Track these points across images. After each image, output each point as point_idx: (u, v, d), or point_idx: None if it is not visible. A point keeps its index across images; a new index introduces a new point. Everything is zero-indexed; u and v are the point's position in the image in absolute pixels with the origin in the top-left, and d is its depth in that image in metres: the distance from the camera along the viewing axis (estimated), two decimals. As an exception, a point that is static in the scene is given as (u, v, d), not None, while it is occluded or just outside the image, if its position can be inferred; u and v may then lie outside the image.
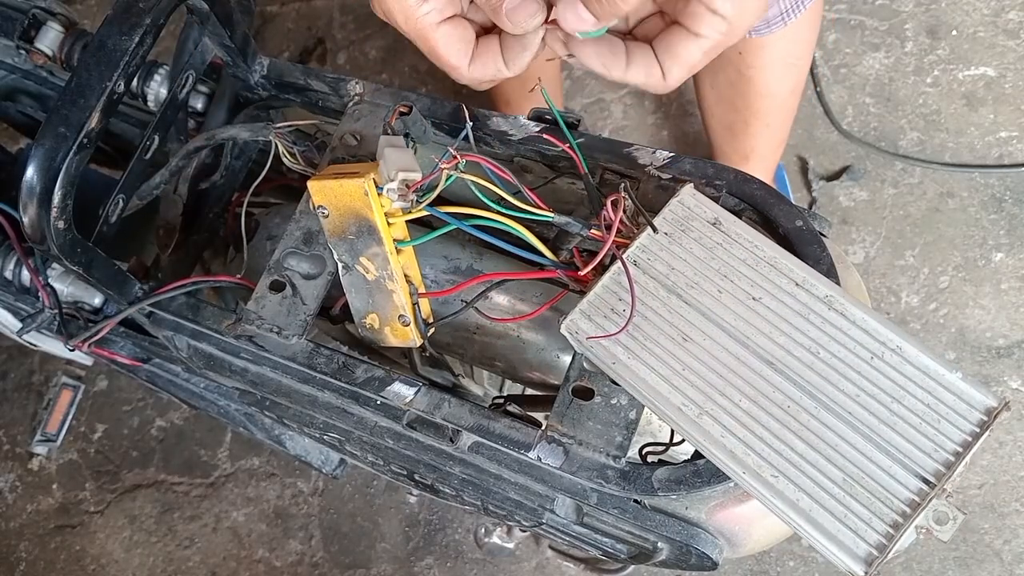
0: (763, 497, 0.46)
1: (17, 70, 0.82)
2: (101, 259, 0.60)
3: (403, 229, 0.57)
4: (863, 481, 0.45)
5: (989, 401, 0.45)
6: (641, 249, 0.53)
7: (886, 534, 0.44)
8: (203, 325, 0.64)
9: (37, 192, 0.52)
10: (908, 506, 0.44)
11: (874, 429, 0.46)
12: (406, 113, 0.62)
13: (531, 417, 0.58)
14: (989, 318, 1.42)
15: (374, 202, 0.53)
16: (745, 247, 0.52)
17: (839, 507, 0.45)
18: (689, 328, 0.51)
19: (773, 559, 1.39)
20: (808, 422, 0.47)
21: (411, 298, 0.58)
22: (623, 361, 0.51)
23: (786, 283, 0.50)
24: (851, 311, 0.49)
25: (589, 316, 0.52)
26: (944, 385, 0.46)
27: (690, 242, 0.53)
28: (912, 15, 1.60)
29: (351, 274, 0.58)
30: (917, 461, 0.45)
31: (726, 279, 0.51)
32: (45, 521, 1.65)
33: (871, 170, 1.53)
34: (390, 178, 0.53)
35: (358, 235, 0.55)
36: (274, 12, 1.91)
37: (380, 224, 0.54)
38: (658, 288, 0.52)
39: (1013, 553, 1.32)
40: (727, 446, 0.47)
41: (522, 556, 1.46)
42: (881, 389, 0.47)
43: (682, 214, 0.54)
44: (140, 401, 1.69)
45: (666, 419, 0.50)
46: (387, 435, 0.62)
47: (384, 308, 0.58)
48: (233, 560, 1.57)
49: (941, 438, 0.45)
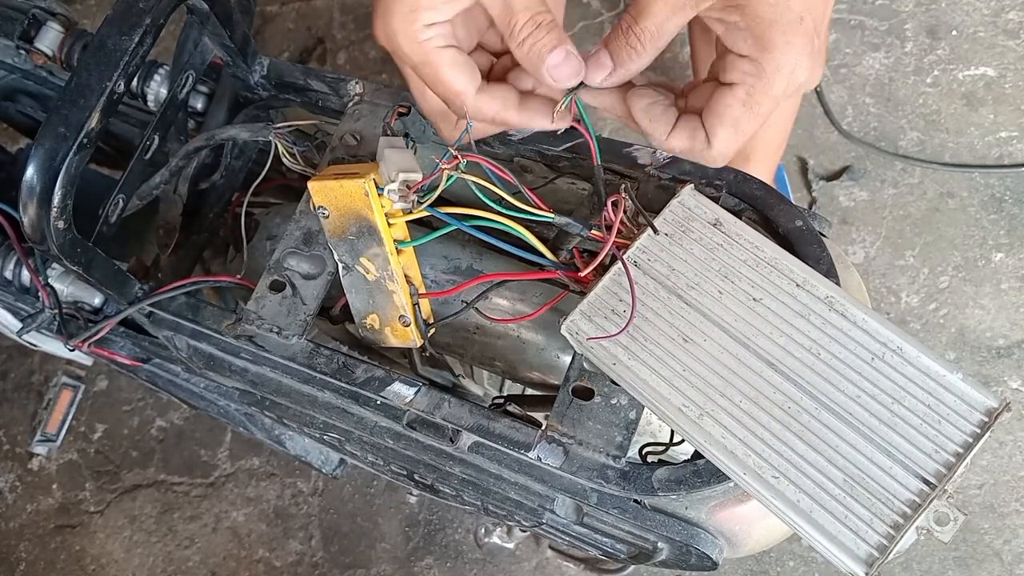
0: (763, 498, 0.46)
1: (17, 70, 0.82)
2: (101, 259, 0.60)
3: (404, 229, 0.57)
4: (864, 482, 0.45)
5: (990, 402, 0.45)
6: (641, 250, 0.53)
7: (887, 535, 0.44)
8: (203, 325, 0.64)
9: (37, 192, 0.52)
10: (909, 507, 0.44)
11: (874, 430, 0.46)
12: (405, 113, 0.62)
13: (531, 417, 0.58)
14: (989, 318, 1.42)
15: (375, 203, 0.53)
16: (746, 248, 0.52)
17: (840, 508, 0.45)
18: (690, 329, 0.51)
19: (773, 559, 1.39)
20: (809, 423, 0.47)
21: (411, 298, 0.58)
22: (623, 362, 0.51)
23: (787, 284, 0.50)
24: (852, 312, 0.49)
25: (590, 317, 0.52)
26: (945, 386, 0.46)
27: (690, 243, 0.53)
28: (912, 15, 1.60)
29: (351, 274, 0.58)
30: (918, 462, 0.45)
31: (727, 280, 0.51)
32: (45, 521, 1.65)
33: (871, 170, 1.53)
34: (391, 179, 0.53)
35: (358, 235, 0.55)
36: (274, 12, 1.91)
37: (381, 225, 0.54)
38: (658, 289, 0.52)
39: (1013, 553, 1.32)
40: (728, 447, 0.47)
41: (522, 556, 1.46)
42: (882, 390, 0.47)
43: (682, 215, 0.54)
44: (140, 401, 1.69)
45: (667, 420, 0.50)
46: (387, 435, 0.62)
47: (385, 308, 0.58)
48: (233, 560, 1.57)
49: (942, 439, 0.45)
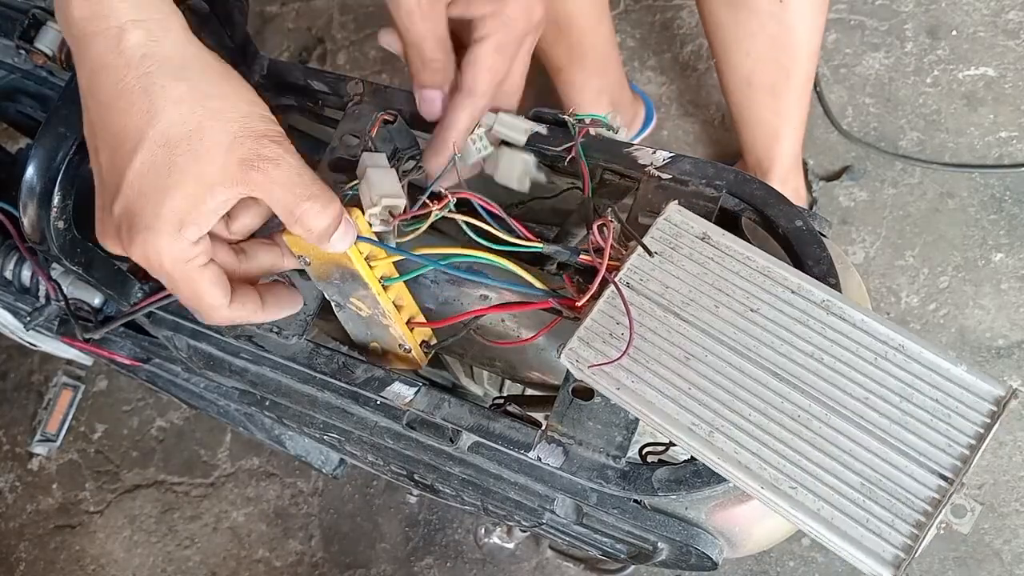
0: (784, 510, 0.46)
1: (17, 70, 0.82)
2: (101, 259, 0.60)
3: (389, 267, 0.55)
4: (881, 483, 0.45)
5: (997, 391, 0.45)
6: (633, 270, 0.52)
7: (910, 534, 0.44)
8: (203, 325, 0.64)
9: (37, 192, 0.52)
10: (929, 504, 0.44)
11: (886, 430, 0.46)
12: (391, 122, 0.61)
13: (531, 417, 0.58)
14: (989, 318, 1.42)
15: (352, 254, 0.51)
16: (737, 259, 0.51)
17: (860, 512, 0.45)
18: (690, 346, 0.50)
19: (773, 559, 1.39)
20: (820, 429, 0.46)
21: (408, 328, 0.58)
22: (628, 386, 0.50)
23: (782, 291, 0.50)
24: (850, 313, 0.48)
25: (588, 343, 0.51)
26: (950, 379, 0.46)
27: (681, 259, 0.52)
28: (912, 15, 1.60)
29: (344, 311, 0.57)
30: (933, 458, 0.45)
31: (721, 293, 0.51)
32: (45, 521, 1.65)
33: (871, 170, 1.53)
34: (372, 202, 0.51)
35: (343, 279, 0.54)
36: (274, 12, 1.92)
37: (363, 272, 0.53)
38: (654, 308, 0.51)
39: (1013, 553, 1.32)
40: (742, 462, 0.47)
41: (522, 556, 1.46)
42: (889, 389, 0.46)
43: (670, 231, 0.53)
44: (140, 401, 1.69)
45: (678, 441, 0.49)
46: (387, 435, 0.62)
47: (383, 339, 0.58)
48: (233, 560, 1.57)
49: (954, 432, 0.45)
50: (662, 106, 1.66)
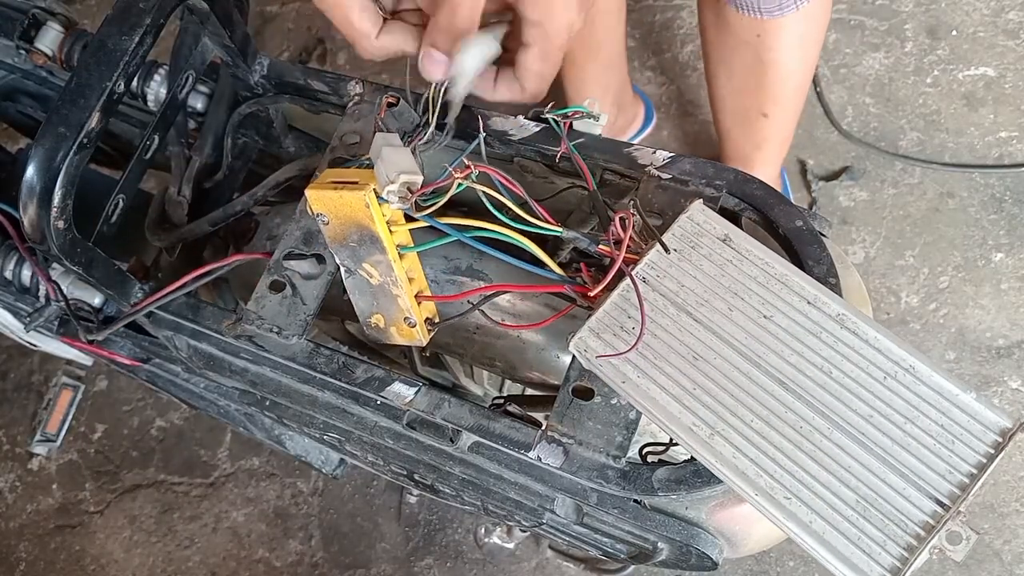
0: (776, 519, 0.46)
1: (17, 70, 0.82)
2: (101, 259, 0.60)
3: (406, 235, 0.56)
4: (877, 503, 0.45)
5: (1004, 422, 0.45)
6: (650, 266, 0.52)
7: (900, 557, 0.43)
8: (203, 325, 0.64)
9: (37, 192, 0.52)
10: (923, 529, 0.44)
11: (888, 450, 0.45)
12: (394, 104, 0.61)
13: (531, 417, 0.58)
14: (989, 318, 1.42)
15: (376, 213, 0.52)
16: (756, 264, 0.51)
17: (853, 529, 0.44)
18: (699, 347, 0.50)
19: (773, 559, 1.39)
20: (821, 443, 0.46)
21: (416, 300, 0.58)
22: (633, 380, 0.50)
23: (797, 301, 0.49)
24: (864, 330, 0.48)
25: (598, 333, 0.51)
26: (958, 405, 0.46)
27: (700, 259, 0.52)
28: (912, 15, 1.60)
29: (354, 278, 0.57)
30: (931, 483, 0.44)
31: (737, 297, 0.50)
32: (45, 521, 1.65)
33: (871, 170, 1.53)
34: (390, 180, 0.52)
35: (360, 243, 0.55)
36: (274, 12, 1.92)
37: (383, 234, 0.53)
38: (668, 306, 0.51)
39: (1013, 553, 1.32)
40: (739, 467, 0.47)
41: (522, 556, 1.46)
42: (895, 409, 0.46)
43: (691, 230, 0.53)
44: (140, 401, 1.69)
45: (678, 439, 0.49)
46: (387, 435, 0.62)
47: (389, 310, 0.58)
48: (233, 560, 1.57)
49: (956, 459, 0.45)
50: (662, 106, 1.66)
